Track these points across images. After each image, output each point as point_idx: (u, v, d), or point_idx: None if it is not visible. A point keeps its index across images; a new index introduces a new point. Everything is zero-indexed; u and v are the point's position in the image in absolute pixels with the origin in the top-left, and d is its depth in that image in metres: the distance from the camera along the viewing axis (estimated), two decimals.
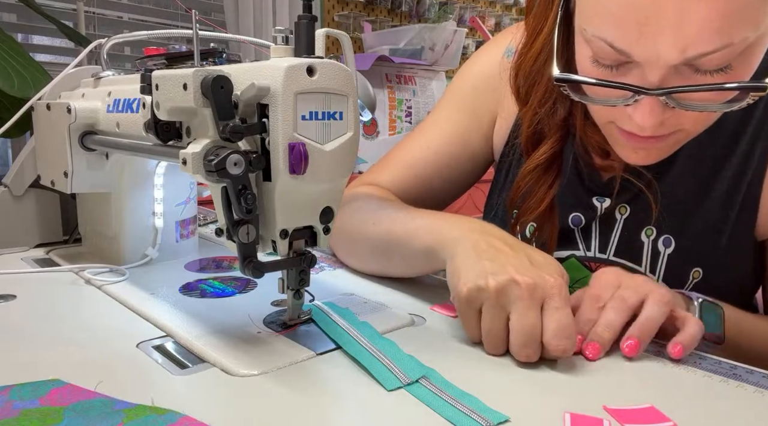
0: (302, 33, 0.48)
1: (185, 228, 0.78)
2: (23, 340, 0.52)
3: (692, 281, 0.66)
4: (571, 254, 0.71)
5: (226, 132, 0.45)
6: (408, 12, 2.79)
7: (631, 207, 0.69)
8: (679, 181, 0.67)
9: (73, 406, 0.40)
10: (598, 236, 0.70)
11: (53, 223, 0.84)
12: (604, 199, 0.70)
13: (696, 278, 0.66)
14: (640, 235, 0.68)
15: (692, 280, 0.66)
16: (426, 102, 2.40)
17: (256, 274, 0.48)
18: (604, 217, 0.70)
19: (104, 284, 0.66)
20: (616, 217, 0.70)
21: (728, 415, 0.42)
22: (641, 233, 0.68)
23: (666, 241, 0.67)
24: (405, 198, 0.77)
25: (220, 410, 0.41)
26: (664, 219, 0.67)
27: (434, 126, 0.80)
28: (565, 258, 0.71)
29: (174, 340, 0.53)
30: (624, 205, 0.69)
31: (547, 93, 0.66)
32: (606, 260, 0.70)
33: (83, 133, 0.70)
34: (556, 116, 0.66)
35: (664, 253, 0.67)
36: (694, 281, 0.66)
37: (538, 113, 0.67)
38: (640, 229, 0.68)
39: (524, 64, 0.67)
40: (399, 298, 0.65)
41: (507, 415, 0.41)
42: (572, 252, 0.71)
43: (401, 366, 0.47)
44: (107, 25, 2.18)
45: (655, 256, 0.67)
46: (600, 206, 0.70)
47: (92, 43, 0.77)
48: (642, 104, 0.52)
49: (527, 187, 0.69)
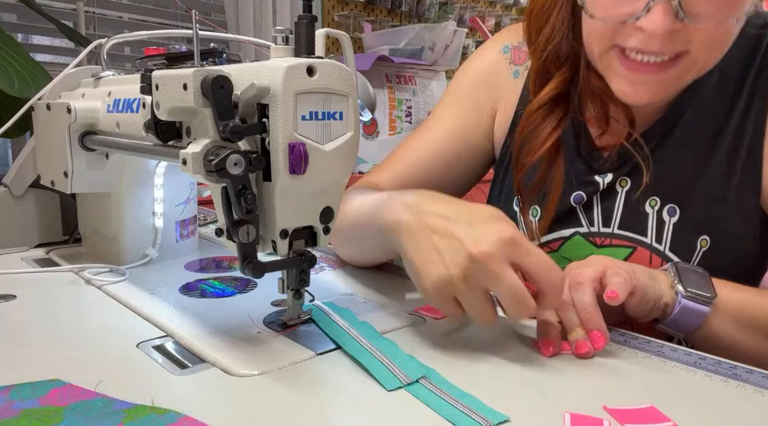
0: (302, 33, 0.48)
1: (185, 228, 0.78)
2: (23, 340, 0.52)
3: (700, 250, 0.66)
4: (575, 232, 0.71)
5: (226, 132, 0.45)
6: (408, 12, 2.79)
7: (631, 179, 0.69)
8: (679, 150, 0.67)
9: (73, 406, 0.40)
10: (601, 211, 0.70)
11: (53, 223, 0.84)
12: (605, 175, 0.70)
13: (704, 247, 0.66)
14: (644, 206, 0.68)
15: (700, 249, 0.66)
16: (426, 102, 2.39)
17: (256, 274, 0.48)
18: (605, 191, 0.70)
19: (104, 284, 0.66)
20: (617, 190, 0.69)
21: (728, 415, 0.42)
22: (645, 204, 0.68)
23: (671, 210, 0.67)
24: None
25: (220, 410, 0.41)
26: (667, 188, 0.67)
27: (435, 124, 0.80)
28: (569, 236, 0.71)
29: (174, 340, 0.53)
30: (624, 178, 0.69)
31: (555, 32, 0.68)
32: (611, 234, 0.69)
33: (83, 133, 0.70)
34: (561, 55, 0.68)
35: (669, 223, 0.67)
36: (702, 250, 0.66)
37: (546, 50, 0.68)
38: (643, 200, 0.68)
39: (536, 5, 0.70)
40: (399, 298, 0.65)
41: (507, 415, 0.41)
42: (576, 230, 0.71)
43: (401, 366, 0.47)
44: (107, 25, 2.17)
45: (660, 226, 0.67)
46: (602, 181, 0.70)
47: (92, 43, 0.77)
48: (654, 11, 0.54)
49: (533, 125, 0.69)
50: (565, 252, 0.71)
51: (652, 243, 0.67)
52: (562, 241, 0.72)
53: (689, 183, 0.67)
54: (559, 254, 0.72)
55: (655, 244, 0.67)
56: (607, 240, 0.69)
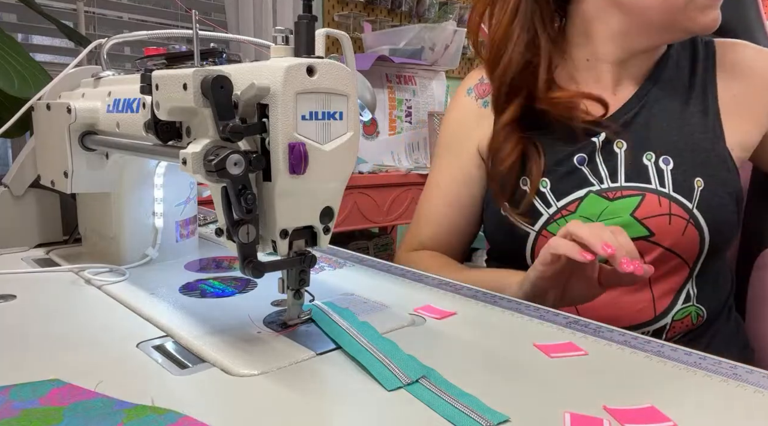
0: (302, 33, 0.48)
1: (185, 228, 0.78)
2: (23, 340, 0.52)
3: (698, 189, 0.77)
4: (588, 191, 0.80)
5: (226, 132, 0.45)
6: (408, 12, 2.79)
7: (625, 140, 0.81)
8: (661, 103, 0.82)
9: (73, 406, 0.40)
10: (606, 169, 0.80)
11: (53, 223, 0.84)
12: (599, 133, 0.81)
13: (700, 186, 0.77)
14: (642, 160, 0.79)
15: (698, 189, 0.77)
16: (426, 102, 2.39)
17: (256, 274, 0.48)
18: (604, 153, 0.81)
19: (104, 284, 0.66)
20: (616, 151, 0.81)
21: (728, 415, 0.42)
22: (642, 158, 0.79)
23: (665, 160, 0.79)
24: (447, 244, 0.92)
25: (220, 410, 0.41)
26: (656, 144, 0.79)
27: (438, 176, 0.93)
28: (585, 195, 0.80)
29: (174, 340, 0.53)
30: (620, 141, 0.81)
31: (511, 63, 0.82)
32: (620, 187, 0.79)
33: (83, 133, 0.70)
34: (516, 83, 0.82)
35: (667, 170, 0.78)
36: (699, 189, 0.77)
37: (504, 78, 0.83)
38: (640, 155, 0.80)
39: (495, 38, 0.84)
40: (399, 298, 0.65)
41: (507, 415, 0.41)
42: (588, 189, 0.80)
43: (401, 366, 0.47)
44: (107, 25, 2.17)
45: (660, 173, 0.78)
46: (598, 140, 0.81)
47: (92, 43, 0.77)
48: None
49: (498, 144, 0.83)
50: (583, 211, 0.80)
51: (658, 188, 0.78)
52: (578, 201, 0.80)
53: (672, 138, 0.80)
54: (577, 214, 0.80)
55: (661, 188, 0.78)
56: (618, 193, 0.79)
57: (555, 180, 0.81)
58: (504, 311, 0.63)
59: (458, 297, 0.66)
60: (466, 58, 3.08)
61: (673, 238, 0.76)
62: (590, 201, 0.79)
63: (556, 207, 0.80)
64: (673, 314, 0.78)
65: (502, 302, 0.65)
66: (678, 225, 0.76)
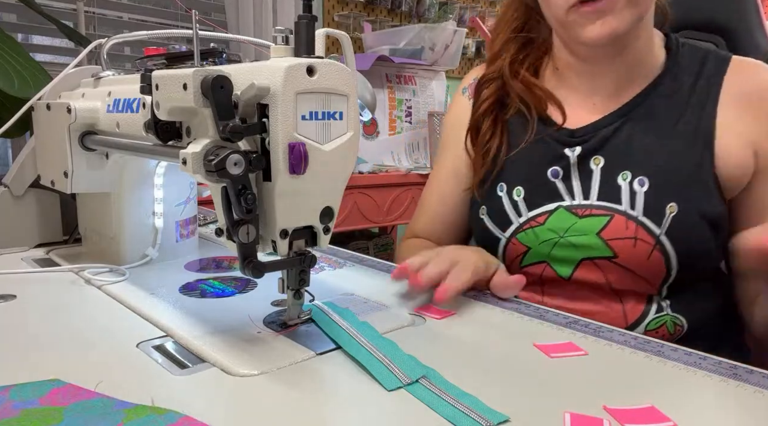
0: (302, 33, 0.48)
1: (185, 228, 0.78)
2: (23, 340, 0.52)
3: (669, 215, 0.74)
4: (558, 206, 0.79)
5: (226, 132, 0.45)
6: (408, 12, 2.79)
7: (604, 156, 0.79)
8: (645, 132, 0.78)
9: (73, 406, 0.40)
10: (581, 185, 0.79)
11: (53, 223, 0.84)
12: (574, 148, 0.80)
13: (672, 212, 0.74)
14: (617, 180, 0.77)
15: (669, 214, 0.74)
16: (426, 102, 2.39)
17: (256, 274, 0.48)
18: (580, 168, 0.79)
19: (104, 284, 0.66)
20: (592, 168, 0.79)
21: (728, 415, 0.42)
22: (618, 178, 0.77)
23: (640, 181, 0.76)
24: (438, 235, 0.95)
25: (220, 410, 0.41)
26: (635, 163, 0.76)
27: (436, 172, 0.97)
28: (554, 209, 0.79)
29: (174, 340, 0.53)
30: (598, 157, 0.79)
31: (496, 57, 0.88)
32: (590, 205, 0.78)
33: (83, 133, 0.70)
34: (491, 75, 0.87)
35: (640, 192, 0.75)
36: (671, 215, 0.74)
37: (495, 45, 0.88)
38: (616, 174, 0.77)
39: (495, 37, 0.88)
40: (399, 298, 0.65)
41: (507, 415, 0.41)
42: (559, 203, 0.79)
43: (401, 366, 0.47)
44: (107, 25, 2.17)
45: (633, 195, 0.76)
46: (572, 154, 0.80)
47: (92, 43, 0.77)
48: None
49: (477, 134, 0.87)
50: (552, 224, 0.79)
51: (627, 210, 0.75)
52: (548, 214, 0.79)
53: (652, 159, 0.76)
54: (546, 227, 0.79)
55: (630, 211, 0.75)
56: (588, 210, 0.77)
57: (529, 190, 0.81)
58: (504, 311, 0.63)
59: (458, 297, 0.66)
60: (466, 58, 3.08)
61: (637, 261, 0.75)
62: (559, 215, 0.78)
63: (527, 216, 0.80)
64: (646, 324, 0.76)
65: (502, 302, 0.65)
66: (642, 249, 0.74)
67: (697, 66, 0.80)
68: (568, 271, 0.78)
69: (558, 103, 0.82)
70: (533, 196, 0.81)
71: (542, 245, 0.79)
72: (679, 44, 0.82)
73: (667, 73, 0.80)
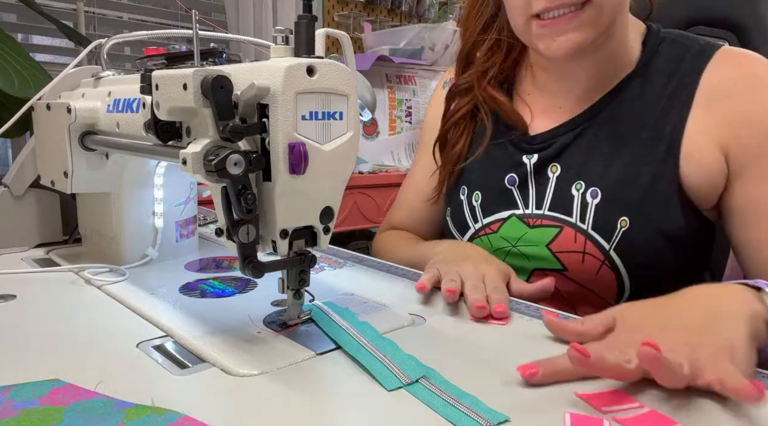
0: (302, 33, 0.48)
1: (185, 228, 0.78)
2: (23, 340, 0.52)
3: (620, 230, 0.70)
4: (511, 214, 0.78)
5: (226, 132, 0.45)
6: (408, 12, 2.79)
7: (560, 165, 0.76)
8: (601, 140, 0.74)
9: (73, 406, 0.40)
10: (535, 194, 0.77)
11: (53, 223, 0.84)
12: (532, 156, 0.78)
13: (624, 227, 0.70)
14: (571, 190, 0.74)
15: (620, 228, 0.70)
16: (426, 102, 2.39)
17: (256, 274, 0.48)
18: (537, 176, 0.77)
19: (104, 284, 0.66)
20: (548, 176, 0.76)
21: (728, 415, 0.42)
22: (572, 188, 0.74)
23: (593, 192, 0.72)
24: (415, 230, 0.94)
25: (220, 410, 0.41)
26: (589, 173, 0.73)
27: (415, 167, 0.96)
28: (507, 218, 0.78)
29: (174, 340, 0.53)
30: (555, 165, 0.76)
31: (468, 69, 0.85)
32: (542, 215, 0.76)
33: (83, 133, 0.70)
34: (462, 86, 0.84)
35: (591, 204, 0.72)
36: (622, 229, 0.70)
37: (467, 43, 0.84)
38: (570, 183, 0.74)
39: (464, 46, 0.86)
40: (399, 298, 0.65)
41: (507, 415, 0.41)
42: (513, 211, 0.78)
43: (401, 366, 0.47)
44: (107, 25, 2.17)
45: (584, 208, 0.73)
46: (529, 162, 0.78)
47: (92, 43, 0.77)
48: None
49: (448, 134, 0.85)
50: (504, 233, 0.78)
51: (577, 222, 0.73)
52: (501, 222, 0.78)
53: (608, 170, 0.73)
54: (499, 235, 0.78)
55: (579, 224, 0.72)
56: (538, 221, 0.76)
57: (486, 196, 0.80)
58: None
59: None
60: None
61: (586, 276, 0.72)
62: (511, 224, 0.77)
63: (482, 223, 0.80)
64: None
65: None
66: (591, 264, 0.71)
67: (673, 64, 0.73)
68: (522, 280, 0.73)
69: (517, 116, 0.79)
70: (489, 202, 0.79)
71: (496, 253, 0.77)
72: (658, 39, 0.75)
73: (637, 73, 0.74)
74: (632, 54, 0.75)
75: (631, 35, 0.75)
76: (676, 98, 0.72)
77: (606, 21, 0.68)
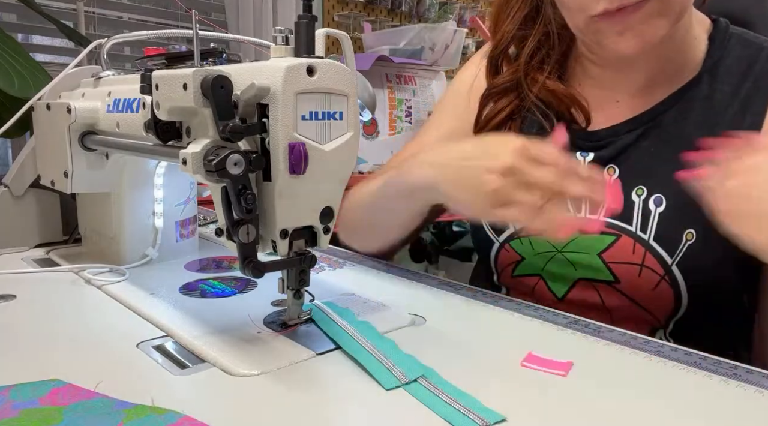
0: (302, 33, 0.48)
1: (185, 228, 0.78)
2: (23, 340, 0.52)
3: (686, 243, 0.65)
4: None
5: (226, 132, 0.45)
6: (408, 12, 2.79)
7: (619, 167, 0.69)
8: (667, 142, 0.67)
9: (73, 406, 0.40)
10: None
11: (53, 223, 0.84)
12: (587, 154, 0.71)
13: (690, 240, 0.64)
14: (631, 195, 0.67)
15: (686, 242, 0.65)
16: (426, 102, 2.39)
17: (256, 274, 0.48)
18: None
19: (104, 284, 0.66)
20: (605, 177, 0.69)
21: (728, 415, 0.42)
22: (632, 193, 0.67)
23: (657, 200, 0.66)
24: None
25: (220, 410, 0.41)
26: (654, 178, 0.67)
27: (428, 129, 0.84)
28: None
29: (174, 340, 0.53)
30: (612, 166, 0.69)
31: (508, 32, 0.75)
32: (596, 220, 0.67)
33: (83, 133, 0.70)
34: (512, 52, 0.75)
35: (655, 212, 0.66)
36: (687, 243, 0.65)
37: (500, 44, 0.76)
38: (630, 188, 0.68)
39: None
40: (399, 298, 0.65)
41: (503, 415, 0.41)
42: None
43: (400, 365, 0.47)
44: (107, 25, 2.17)
45: (646, 216, 0.66)
46: (583, 160, 0.70)
47: (92, 43, 0.77)
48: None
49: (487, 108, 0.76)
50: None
51: (637, 232, 0.66)
52: None
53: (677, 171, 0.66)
54: (543, 238, 0.70)
55: (640, 233, 0.66)
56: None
57: None
58: (503, 311, 0.63)
59: (458, 297, 0.66)
60: (466, 58, 3.07)
61: (641, 291, 0.66)
62: None
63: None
64: None
65: (502, 302, 0.65)
66: (649, 279, 0.65)
67: (745, 64, 0.68)
68: (562, 289, 0.71)
69: (581, 106, 0.71)
70: None
71: (537, 257, 0.72)
72: (727, 36, 0.69)
73: (706, 72, 0.68)
74: (698, 48, 0.69)
75: (696, 31, 0.70)
76: (750, 103, 0.66)
77: (678, 9, 0.62)
